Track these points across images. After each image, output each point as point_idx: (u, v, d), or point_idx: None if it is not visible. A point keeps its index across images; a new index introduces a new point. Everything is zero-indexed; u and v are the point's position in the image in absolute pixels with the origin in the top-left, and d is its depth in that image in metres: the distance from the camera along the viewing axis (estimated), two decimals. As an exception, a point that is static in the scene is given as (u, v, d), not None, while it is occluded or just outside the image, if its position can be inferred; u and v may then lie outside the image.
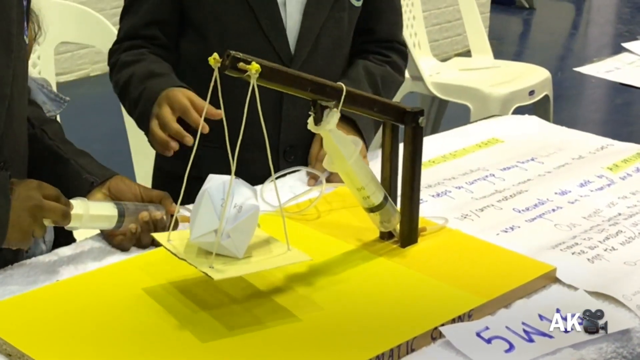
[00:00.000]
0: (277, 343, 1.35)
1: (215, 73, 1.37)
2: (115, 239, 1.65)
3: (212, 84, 1.37)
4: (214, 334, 1.36)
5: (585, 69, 3.33)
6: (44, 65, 2.56)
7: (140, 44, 2.10)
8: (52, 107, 2.01)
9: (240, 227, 1.41)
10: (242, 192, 1.43)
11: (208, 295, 1.46)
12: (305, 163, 2.04)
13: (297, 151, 2.10)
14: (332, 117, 1.48)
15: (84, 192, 1.69)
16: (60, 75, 5.75)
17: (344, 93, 1.47)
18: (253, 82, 1.34)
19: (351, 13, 2.15)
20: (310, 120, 1.49)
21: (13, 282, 1.53)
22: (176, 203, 1.58)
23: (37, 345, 1.32)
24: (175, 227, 1.67)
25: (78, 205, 1.58)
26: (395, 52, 2.26)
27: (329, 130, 1.49)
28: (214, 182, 1.44)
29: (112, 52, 2.15)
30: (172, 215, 1.64)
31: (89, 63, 5.90)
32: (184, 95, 1.84)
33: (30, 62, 2.54)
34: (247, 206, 1.42)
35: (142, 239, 1.63)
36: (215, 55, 1.36)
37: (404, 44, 2.29)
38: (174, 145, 1.78)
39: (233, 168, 1.39)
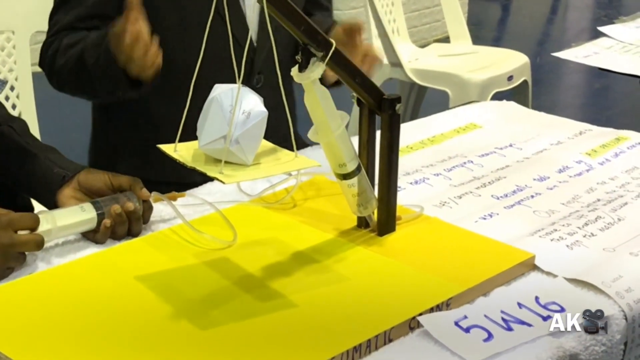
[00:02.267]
0: (252, 335, 1.33)
1: None
2: (90, 233, 1.63)
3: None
4: (185, 328, 1.34)
5: (563, 54, 3.32)
6: (19, 55, 2.53)
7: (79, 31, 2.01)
8: None
9: (249, 132, 1.41)
10: (250, 99, 1.43)
11: (184, 287, 1.45)
12: None
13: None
14: (317, 68, 1.44)
15: (56, 186, 1.67)
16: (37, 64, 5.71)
17: (333, 48, 1.45)
18: None
19: None
20: (295, 68, 1.45)
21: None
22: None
23: (9, 340, 1.30)
24: (149, 212, 1.65)
25: (44, 220, 1.55)
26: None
27: (312, 81, 1.45)
28: (221, 89, 1.43)
29: (47, 45, 2.05)
30: (144, 201, 1.63)
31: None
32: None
33: (5, 52, 2.53)
34: (255, 112, 1.42)
35: (117, 231, 1.61)
36: None
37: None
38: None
39: (241, 75, 1.36)
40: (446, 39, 4.79)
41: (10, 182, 1.79)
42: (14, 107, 2.52)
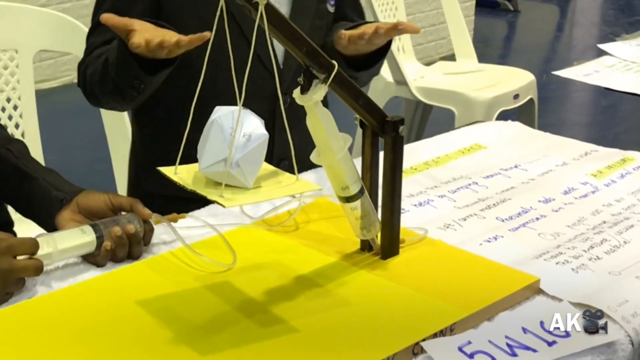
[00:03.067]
0: (254, 358, 1.32)
1: (222, 2, 1.34)
2: (90, 256, 1.61)
3: (217, 14, 1.35)
4: (186, 354, 1.32)
5: (564, 72, 3.31)
6: (22, 74, 2.53)
7: None
8: None
9: (250, 155, 1.40)
10: (251, 121, 1.42)
11: (185, 312, 1.44)
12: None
13: (289, 163, 2.07)
14: (319, 90, 1.43)
15: (54, 209, 1.66)
16: (43, 82, 5.72)
17: (335, 70, 1.44)
18: (261, 9, 1.31)
19: (328, 19, 2.15)
20: (297, 90, 1.44)
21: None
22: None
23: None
24: (151, 234, 1.64)
25: (45, 243, 1.54)
26: None
27: (314, 103, 1.44)
28: (222, 112, 1.42)
29: (82, 62, 2.10)
30: (145, 222, 1.61)
31: (72, 69, 5.84)
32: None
33: (8, 71, 2.52)
34: (256, 135, 1.41)
35: (118, 254, 1.59)
36: None
37: None
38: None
39: (242, 96, 1.36)
40: (452, 57, 4.78)
41: (10, 205, 1.78)
42: (17, 126, 2.51)
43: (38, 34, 2.53)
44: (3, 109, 2.50)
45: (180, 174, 1.45)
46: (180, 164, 1.47)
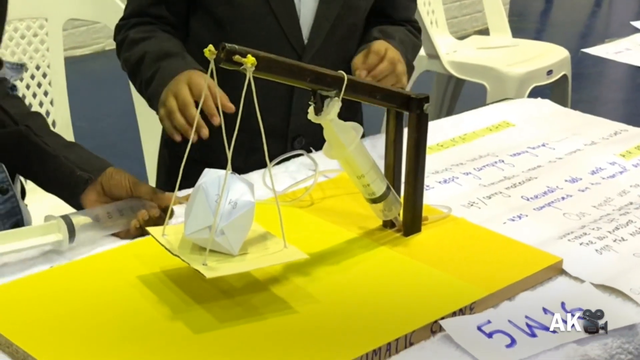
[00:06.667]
0: (272, 335, 1.32)
1: (212, 65, 1.33)
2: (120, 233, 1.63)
3: (208, 73, 1.33)
4: (208, 324, 1.33)
5: (594, 50, 3.27)
6: (51, 42, 2.53)
7: (149, 21, 2.06)
8: (12, 74, 1.94)
9: (235, 223, 1.38)
10: (238, 188, 1.39)
11: (203, 284, 1.43)
12: (315, 148, 1.99)
13: (306, 138, 2.07)
14: (333, 107, 1.44)
15: (79, 190, 1.66)
16: (75, 49, 5.74)
17: (345, 82, 1.43)
18: (249, 75, 1.30)
19: (368, 0, 2.12)
20: (311, 110, 1.45)
21: (6, 270, 1.51)
22: (178, 185, 1.54)
23: (26, 334, 1.29)
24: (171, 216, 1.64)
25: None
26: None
27: (330, 120, 1.45)
28: (209, 177, 1.40)
29: (119, 28, 2.10)
30: (164, 209, 1.62)
31: (104, 37, 5.87)
32: (205, 81, 1.75)
33: (38, 39, 2.53)
34: (242, 202, 1.38)
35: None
36: (211, 47, 1.31)
37: (417, 25, 2.26)
38: (194, 138, 1.64)
39: (229, 163, 1.34)
40: (486, 31, 4.75)
41: (33, 181, 1.78)
42: (45, 93, 2.53)
43: (67, 3, 2.54)
44: (32, 77, 2.52)
45: (167, 235, 1.45)
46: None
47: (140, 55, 1.98)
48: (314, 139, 2.02)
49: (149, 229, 1.49)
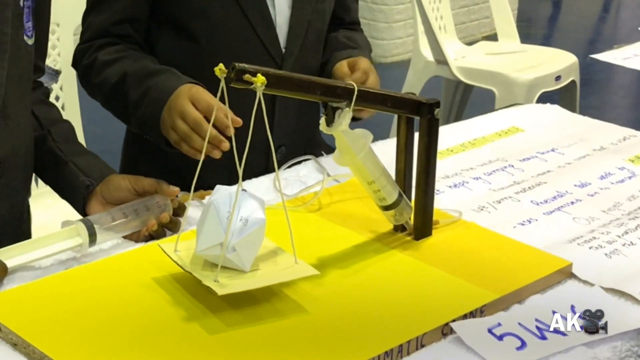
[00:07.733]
0: (284, 337, 1.33)
1: (222, 84, 1.32)
2: (133, 235, 1.64)
3: (219, 94, 1.32)
4: (221, 326, 1.34)
5: (603, 56, 3.27)
6: (63, 47, 2.55)
7: (115, 41, 1.97)
8: (48, 80, 1.94)
9: (246, 240, 1.39)
10: (249, 205, 1.41)
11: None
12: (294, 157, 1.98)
13: (287, 148, 2.06)
14: (345, 118, 1.45)
15: (80, 195, 1.68)
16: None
17: (356, 92, 1.44)
18: (259, 94, 1.31)
19: (330, 3, 2.13)
20: (322, 122, 1.46)
21: (21, 271, 1.52)
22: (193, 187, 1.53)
23: (42, 334, 1.31)
24: (182, 211, 1.66)
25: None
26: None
27: (342, 130, 1.46)
28: (220, 194, 1.41)
29: (82, 52, 2.00)
30: (174, 213, 1.64)
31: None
32: (208, 94, 1.73)
33: (49, 44, 2.54)
34: (253, 219, 1.40)
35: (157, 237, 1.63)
36: (221, 66, 1.31)
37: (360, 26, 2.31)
38: (225, 146, 1.63)
39: (240, 180, 1.35)
40: (494, 36, 4.75)
41: (53, 189, 1.79)
42: (57, 98, 2.54)
43: (79, 8, 2.55)
44: (44, 82, 2.53)
45: (180, 251, 1.46)
46: None
47: (119, 77, 1.90)
48: (294, 149, 2.05)
49: (161, 245, 1.49)
